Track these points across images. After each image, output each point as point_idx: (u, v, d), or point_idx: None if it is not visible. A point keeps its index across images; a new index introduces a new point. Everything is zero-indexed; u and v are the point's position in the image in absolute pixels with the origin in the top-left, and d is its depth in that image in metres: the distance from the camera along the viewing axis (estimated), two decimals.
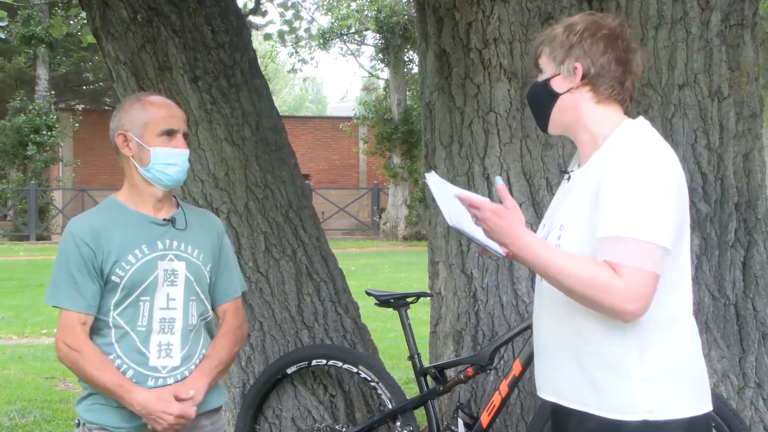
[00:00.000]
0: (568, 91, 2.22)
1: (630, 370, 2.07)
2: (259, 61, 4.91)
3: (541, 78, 2.28)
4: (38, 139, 25.28)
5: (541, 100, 2.29)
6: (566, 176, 2.30)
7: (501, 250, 2.23)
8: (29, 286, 13.93)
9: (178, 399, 2.63)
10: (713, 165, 3.83)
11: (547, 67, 2.27)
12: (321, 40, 26.28)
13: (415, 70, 25.94)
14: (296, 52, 27.67)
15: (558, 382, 2.22)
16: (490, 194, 4.03)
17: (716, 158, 3.84)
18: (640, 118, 2.19)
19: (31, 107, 25.75)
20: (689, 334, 2.15)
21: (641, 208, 1.99)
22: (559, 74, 2.23)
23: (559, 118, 2.27)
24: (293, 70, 30.15)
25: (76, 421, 2.74)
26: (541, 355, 2.30)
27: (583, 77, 2.20)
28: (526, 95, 2.42)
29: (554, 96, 2.24)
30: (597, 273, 1.99)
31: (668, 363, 2.09)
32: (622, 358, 2.08)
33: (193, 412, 2.65)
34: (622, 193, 2.00)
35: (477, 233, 2.23)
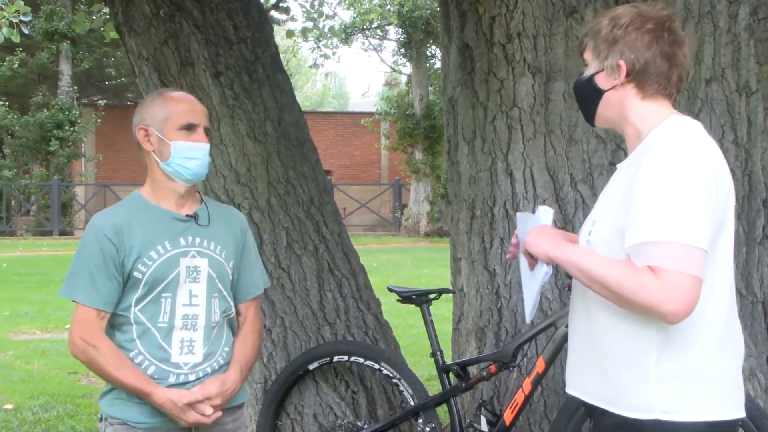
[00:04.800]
0: (613, 87, 2.20)
1: (648, 368, 2.05)
2: (281, 56, 4.89)
3: (585, 73, 2.26)
4: (61, 134, 25.43)
5: (587, 95, 2.26)
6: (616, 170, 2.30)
7: (546, 267, 2.31)
8: (52, 281, 13.99)
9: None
10: (741, 161, 3.78)
11: (591, 61, 2.24)
12: (343, 35, 26.23)
13: (438, 65, 25.87)
14: (318, 48, 27.68)
15: (582, 378, 2.23)
16: (513, 191, 4.01)
17: (744, 154, 3.78)
18: (688, 117, 2.16)
19: (53, 103, 25.89)
20: (718, 336, 2.09)
21: (677, 210, 1.95)
22: (603, 70, 2.20)
23: (604, 112, 2.25)
24: (315, 66, 30.16)
25: (100, 415, 2.74)
26: (571, 351, 2.31)
27: (628, 74, 2.16)
28: (573, 89, 2.40)
29: (599, 92, 2.22)
30: (631, 274, 1.97)
31: (689, 364, 2.05)
32: (641, 357, 2.06)
33: (209, 410, 2.66)
34: (655, 196, 1.97)
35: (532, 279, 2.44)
